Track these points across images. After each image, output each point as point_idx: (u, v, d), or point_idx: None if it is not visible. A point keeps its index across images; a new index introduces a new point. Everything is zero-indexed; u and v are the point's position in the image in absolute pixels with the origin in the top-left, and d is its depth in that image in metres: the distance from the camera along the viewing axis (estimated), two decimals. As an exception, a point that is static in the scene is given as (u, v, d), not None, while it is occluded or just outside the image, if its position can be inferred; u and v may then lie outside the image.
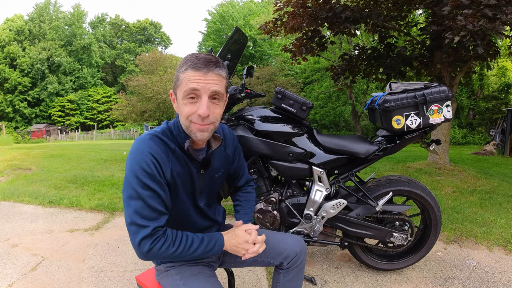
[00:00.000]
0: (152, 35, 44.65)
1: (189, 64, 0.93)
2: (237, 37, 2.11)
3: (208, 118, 0.95)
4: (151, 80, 19.31)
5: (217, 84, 0.95)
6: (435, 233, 1.98)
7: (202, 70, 0.92)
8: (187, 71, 0.93)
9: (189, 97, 0.94)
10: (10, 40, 33.95)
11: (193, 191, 1.10)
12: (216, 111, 0.97)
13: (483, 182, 4.42)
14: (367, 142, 1.85)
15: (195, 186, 1.10)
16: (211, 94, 0.94)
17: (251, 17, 26.27)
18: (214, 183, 1.17)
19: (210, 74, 0.93)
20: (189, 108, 0.94)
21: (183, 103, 0.95)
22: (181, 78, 0.94)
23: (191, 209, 1.13)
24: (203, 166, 1.08)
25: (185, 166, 1.05)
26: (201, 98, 0.94)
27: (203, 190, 1.13)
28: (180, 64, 0.97)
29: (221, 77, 0.96)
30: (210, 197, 1.20)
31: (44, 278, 2.08)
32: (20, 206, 3.69)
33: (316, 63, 19.01)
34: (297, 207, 1.87)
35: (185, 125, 0.98)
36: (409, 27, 5.42)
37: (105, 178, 4.88)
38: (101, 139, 27.67)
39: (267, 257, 1.25)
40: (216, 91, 0.94)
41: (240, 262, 1.29)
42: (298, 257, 1.22)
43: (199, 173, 1.09)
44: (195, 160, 1.05)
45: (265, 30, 5.28)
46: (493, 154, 9.49)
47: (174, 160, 1.01)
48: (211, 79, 0.93)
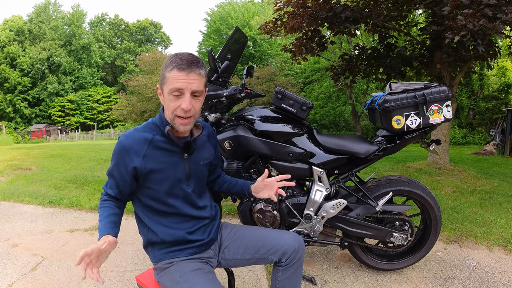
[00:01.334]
0: (152, 35, 44.64)
1: (174, 65, 1.06)
2: (237, 37, 2.11)
3: (189, 111, 1.09)
4: (151, 80, 19.32)
5: (198, 83, 1.09)
6: (435, 233, 1.98)
7: (185, 70, 1.06)
8: (173, 71, 1.06)
9: (174, 94, 1.08)
10: (9, 41, 33.93)
11: (179, 176, 1.18)
12: (196, 105, 1.12)
13: (483, 182, 4.42)
14: (367, 142, 1.85)
15: (181, 171, 1.19)
16: (192, 92, 1.08)
17: (251, 16, 26.27)
18: (200, 169, 1.26)
19: (192, 74, 1.07)
20: (174, 103, 1.09)
21: (168, 98, 1.09)
22: (167, 76, 1.08)
23: (180, 195, 1.19)
24: (186, 150, 1.19)
25: (166, 151, 1.17)
26: (184, 95, 1.08)
27: (189, 174, 1.21)
28: (165, 63, 1.10)
29: (201, 76, 1.10)
30: (198, 184, 1.26)
31: (44, 278, 2.08)
32: (20, 206, 3.69)
33: (316, 63, 19.00)
34: (297, 207, 1.87)
35: (170, 118, 1.12)
36: (409, 27, 5.42)
37: (105, 178, 4.87)
38: (101, 139, 27.67)
39: (265, 254, 1.27)
40: (197, 90, 1.09)
41: (240, 260, 1.31)
42: (297, 253, 1.25)
43: (183, 158, 1.20)
44: (177, 144, 1.17)
45: (265, 30, 5.28)
46: (493, 154, 9.49)
47: (152, 148, 1.15)
48: (193, 78, 1.07)
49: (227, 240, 1.33)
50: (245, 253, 1.29)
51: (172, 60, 1.08)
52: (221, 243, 1.33)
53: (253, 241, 1.29)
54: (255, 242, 1.29)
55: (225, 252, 1.31)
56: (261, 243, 1.28)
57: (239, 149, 1.82)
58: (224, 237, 1.34)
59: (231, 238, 1.33)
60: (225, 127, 1.90)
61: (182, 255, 1.19)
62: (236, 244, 1.31)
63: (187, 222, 1.22)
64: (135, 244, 2.60)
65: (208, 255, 1.25)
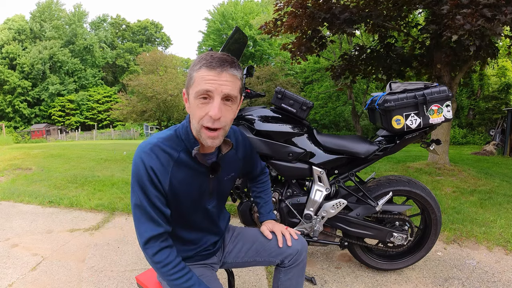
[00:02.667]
0: (152, 35, 44.65)
1: (203, 63, 0.90)
2: (237, 36, 2.11)
3: (219, 121, 0.91)
4: (151, 80, 19.32)
5: (231, 86, 0.91)
6: (435, 233, 1.98)
7: (216, 69, 0.89)
8: (201, 70, 0.90)
9: (201, 97, 0.90)
10: (9, 40, 33.87)
11: (201, 196, 1.07)
12: (227, 115, 0.93)
13: (483, 182, 4.42)
14: (367, 142, 1.85)
15: (204, 191, 1.07)
16: (224, 96, 0.90)
17: (251, 16, 26.28)
18: (223, 185, 1.14)
19: (224, 74, 0.89)
20: (201, 111, 0.91)
21: (195, 104, 0.91)
22: (194, 77, 0.91)
23: (200, 211, 1.11)
24: (212, 171, 1.05)
25: (192, 171, 1.02)
26: (213, 99, 0.90)
27: (212, 193, 1.11)
28: (194, 62, 0.94)
29: (236, 78, 0.92)
30: (220, 199, 1.18)
31: (44, 278, 2.08)
32: (20, 206, 3.69)
33: (316, 63, 19.02)
34: (297, 207, 1.87)
35: (196, 129, 0.95)
36: (409, 27, 5.42)
37: (105, 178, 4.88)
38: (101, 139, 27.66)
39: (268, 256, 1.24)
40: (229, 94, 0.91)
41: (241, 262, 1.29)
42: (300, 255, 1.22)
43: (208, 177, 1.06)
44: (204, 164, 1.03)
45: (265, 30, 5.28)
46: (493, 154, 9.49)
47: (176, 169, 0.99)
48: (225, 80, 0.89)
49: (229, 244, 1.30)
50: (247, 256, 1.26)
51: (201, 58, 0.92)
52: (224, 247, 1.30)
53: (255, 243, 1.26)
54: (257, 245, 1.26)
55: (228, 256, 1.29)
56: (263, 246, 1.25)
57: None
58: (226, 241, 1.31)
59: (233, 241, 1.30)
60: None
61: (187, 262, 1.15)
62: (238, 247, 1.28)
63: (201, 235, 1.16)
64: (135, 244, 2.60)
65: (212, 261, 1.23)
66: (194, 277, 1.00)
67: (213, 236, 1.20)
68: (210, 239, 1.19)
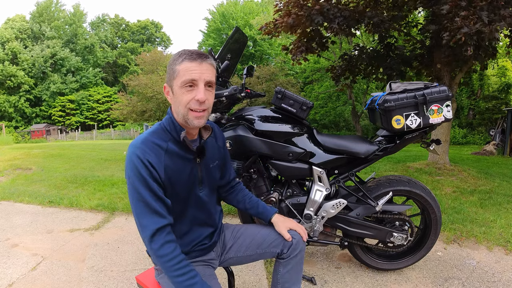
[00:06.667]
0: (153, 35, 44.62)
1: (184, 57, 1.03)
2: (237, 36, 2.11)
3: (204, 103, 1.04)
4: (151, 79, 19.30)
5: (211, 74, 1.05)
6: (435, 233, 1.98)
7: (197, 60, 1.02)
8: (184, 63, 1.02)
9: (187, 86, 1.02)
10: (11, 38, 33.82)
11: (193, 182, 1.15)
12: (210, 98, 1.08)
13: (483, 182, 4.42)
14: (367, 142, 1.85)
15: (195, 176, 1.15)
16: (206, 82, 1.04)
17: (251, 16, 26.27)
18: (211, 172, 1.22)
19: (204, 64, 1.03)
20: (187, 96, 1.03)
21: (181, 92, 1.03)
22: (178, 69, 1.03)
23: (192, 200, 1.16)
24: (199, 155, 1.15)
25: (181, 159, 1.10)
26: (198, 86, 1.03)
27: (202, 179, 1.18)
28: (173, 58, 1.05)
29: (213, 67, 1.07)
30: (211, 188, 1.24)
31: (44, 278, 2.08)
32: (20, 206, 3.69)
33: (316, 63, 18.99)
34: (297, 207, 1.87)
35: (183, 113, 1.05)
36: (409, 27, 5.42)
37: (105, 177, 4.88)
38: (101, 139, 27.67)
39: (268, 248, 1.29)
40: (210, 80, 1.05)
41: (243, 256, 1.32)
42: (298, 244, 1.27)
43: (196, 163, 1.15)
44: (190, 150, 1.12)
45: (265, 31, 5.27)
46: (493, 154, 9.48)
47: (167, 158, 1.07)
48: (206, 69, 1.04)
49: (230, 241, 1.33)
50: (248, 249, 1.31)
51: (180, 54, 1.04)
52: (224, 245, 1.33)
53: (256, 237, 1.31)
54: (257, 238, 1.31)
55: (229, 251, 1.32)
56: (263, 238, 1.30)
57: (239, 149, 1.82)
58: (227, 239, 1.34)
59: (234, 236, 1.34)
60: (225, 127, 1.90)
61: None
62: (239, 243, 1.32)
63: (196, 227, 1.20)
64: (135, 244, 2.60)
65: (211, 257, 1.26)
66: (198, 277, 1.03)
67: (207, 227, 1.24)
68: (204, 231, 1.22)
